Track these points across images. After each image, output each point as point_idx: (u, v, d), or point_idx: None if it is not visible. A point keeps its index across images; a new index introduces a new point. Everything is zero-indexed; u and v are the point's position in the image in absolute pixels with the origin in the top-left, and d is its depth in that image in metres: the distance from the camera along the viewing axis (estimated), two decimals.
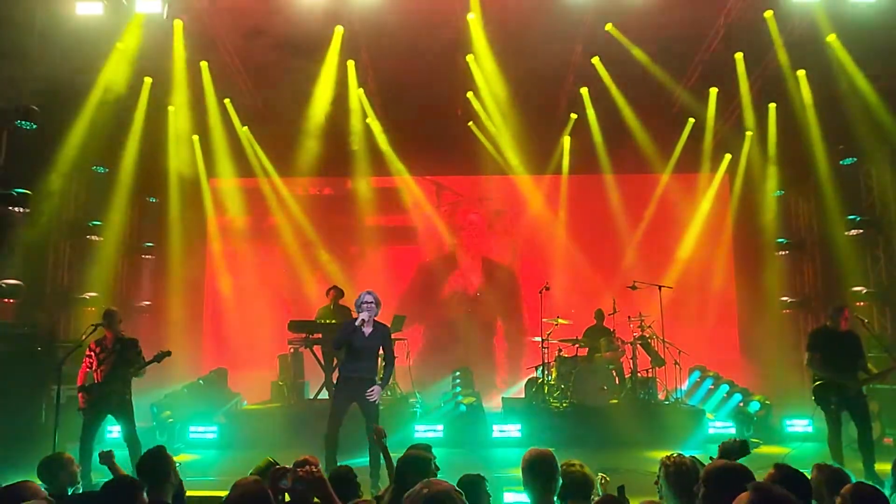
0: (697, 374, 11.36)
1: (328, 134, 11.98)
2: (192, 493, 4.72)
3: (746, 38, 9.89)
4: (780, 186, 12.73)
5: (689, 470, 3.24)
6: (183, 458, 8.21)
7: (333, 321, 9.49)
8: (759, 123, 11.96)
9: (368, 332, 6.44)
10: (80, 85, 9.68)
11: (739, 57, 10.54)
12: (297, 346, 10.15)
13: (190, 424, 9.21)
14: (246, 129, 12.55)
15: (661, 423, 9.31)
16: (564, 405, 9.68)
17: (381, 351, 6.64)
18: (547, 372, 10.20)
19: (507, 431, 9.18)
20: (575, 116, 12.42)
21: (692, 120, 12.37)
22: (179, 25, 9.65)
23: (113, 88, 9.88)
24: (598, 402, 9.52)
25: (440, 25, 9.63)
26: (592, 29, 9.66)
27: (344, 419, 6.45)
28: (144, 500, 3.31)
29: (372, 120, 12.40)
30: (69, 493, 4.15)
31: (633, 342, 10.21)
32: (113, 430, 7.95)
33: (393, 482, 3.69)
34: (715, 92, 11.60)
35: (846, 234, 11.22)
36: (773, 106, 11.74)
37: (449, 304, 13.37)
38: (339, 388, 6.62)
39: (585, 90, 11.69)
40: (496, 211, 14.05)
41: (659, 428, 9.11)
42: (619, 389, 10.01)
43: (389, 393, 10.27)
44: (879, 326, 10.75)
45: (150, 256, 12.87)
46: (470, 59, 10.58)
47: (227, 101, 11.77)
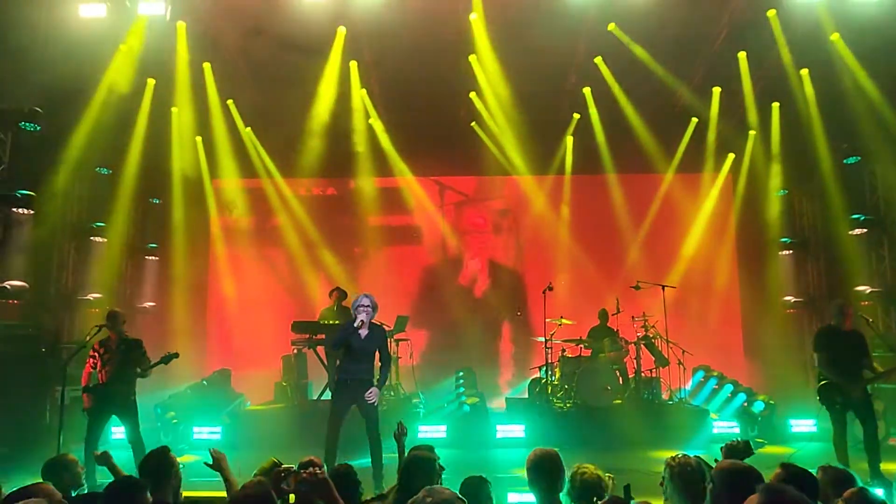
0: (701, 373, 11.34)
1: (331, 135, 11.97)
2: (196, 493, 4.73)
3: (749, 37, 9.87)
4: (783, 185, 12.68)
5: (694, 470, 3.23)
6: (187, 458, 8.20)
7: (337, 322, 9.50)
8: (762, 123, 11.93)
9: (365, 334, 6.46)
10: (83, 87, 9.69)
11: (742, 56, 10.53)
12: (300, 346, 10.17)
13: (194, 425, 9.22)
14: (249, 130, 12.57)
15: (664, 423, 9.31)
16: (568, 405, 9.67)
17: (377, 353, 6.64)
18: (550, 372, 10.20)
19: (510, 432, 9.18)
20: (578, 116, 12.41)
21: (695, 119, 12.34)
22: (182, 27, 9.69)
23: (116, 90, 9.91)
24: (601, 402, 9.51)
25: (442, 26, 9.63)
26: (595, 29, 9.66)
27: (344, 422, 6.46)
28: (148, 499, 3.31)
29: (375, 120, 12.40)
30: (73, 494, 4.16)
31: (636, 342, 10.20)
32: (116, 430, 7.96)
33: (397, 483, 3.69)
34: (718, 91, 11.58)
35: (850, 233, 11.19)
36: (776, 105, 11.71)
37: (452, 304, 13.35)
38: (337, 391, 6.65)
39: (588, 90, 11.68)
40: (499, 211, 14.04)
41: (663, 428, 9.11)
42: (622, 389, 10.00)
43: (393, 393, 10.28)
44: (884, 326, 10.72)
45: (153, 257, 12.88)
46: (472, 59, 10.58)
47: (230, 102, 11.78)
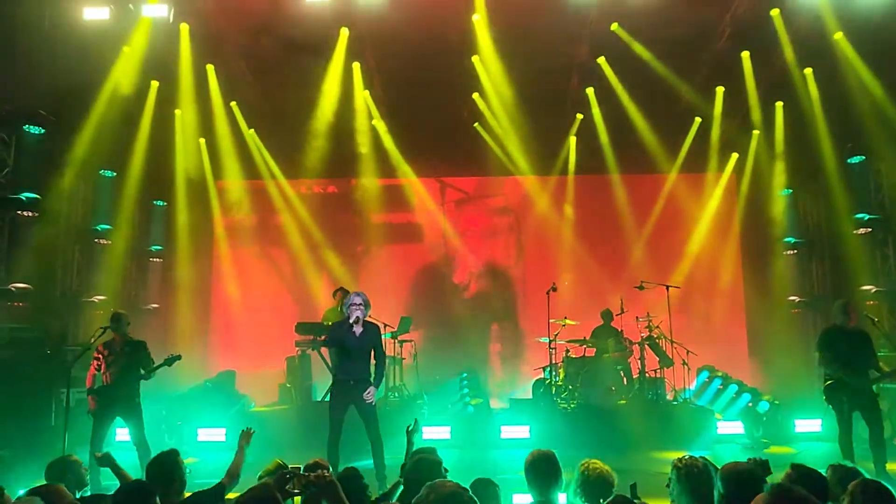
0: (706, 374, 11.31)
1: (334, 136, 11.99)
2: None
3: (753, 36, 9.87)
4: (787, 185, 12.64)
5: (701, 472, 3.21)
6: (191, 460, 8.22)
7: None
8: (766, 122, 11.88)
9: (359, 332, 6.45)
10: (87, 89, 9.71)
11: (746, 55, 10.50)
12: (304, 347, 10.17)
13: (198, 427, 9.23)
14: (252, 131, 12.58)
15: (669, 423, 9.29)
16: (572, 406, 9.66)
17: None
18: (554, 373, 10.18)
19: (515, 432, 9.16)
20: (581, 117, 12.38)
21: (699, 119, 12.30)
22: (185, 29, 9.71)
23: (120, 92, 9.93)
24: (606, 402, 9.50)
25: (445, 27, 9.64)
26: (598, 29, 9.65)
27: (343, 425, 6.45)
28: None
29: (378, 121, 12.41)
30: (77, 496, 4.16)
31: (640, 342, 10.18)
32: (120, 432, 7.96)
33: (403, 486, 3.69)
34: (721, 91, 11.55)
35: (855, 232, 11.15)
36: (780, 104, 11.65)
37: (456, 304, 13.35)
38: (334, 393, 6.62)
39: (591, 90, 11.67)
40: (503, 211, 14.03)
41: (667, 428, 9.08)
42: (627, 390, 9.98)
43: (397, 394, 10.28)
44: (889, 325, 10.66)
45: (157, 259, 12.90)
46: (475, 60, 10.58)
47: (233, 103, 11.80)
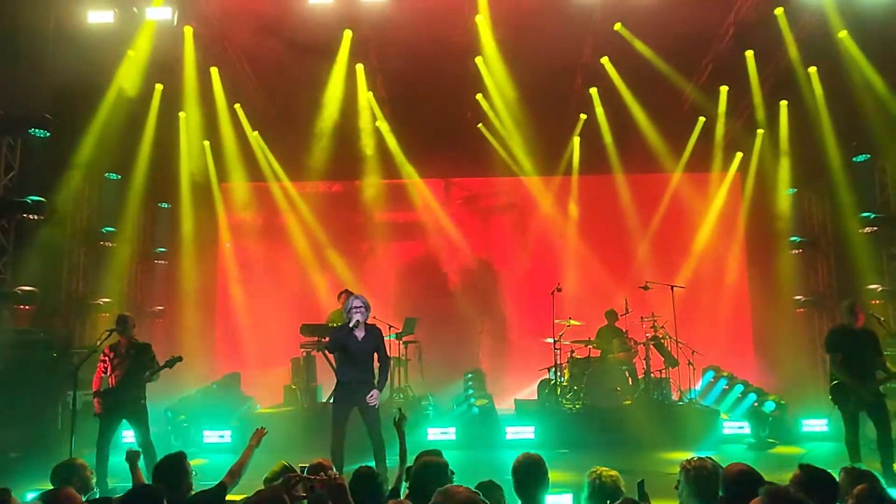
0: (711, 374, 11.28)
1: (338, 137, 12.00)
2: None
3: (757, 35, 9.83)
4: (792, 184, 12.59)
5: (710, 473, 3.21)
6: (197, 461, 8.24)
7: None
8: (770, 121, 11.85)
9: (362, 335, 6.43)
10: (92, 92, 9.74)
11: (750, 55, 10.47)
12: (309, 349, 10.18)
13: (204, 428, 9.26)
14: (256, 133, 12.61)
15: (675, 423, 9.26)
16: (577, 406, 9.64)
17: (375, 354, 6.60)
18: (559, 373, 10.17)
19: (520, 433, 9.16)
20: (584, 117, 12.37)
21: (703, 118, 12.29)
22: (189, 32, 9.74)
23: (125, 95, 9.97)
24: (611, 403, 9.48)
25: (448, 28, 9.64)
26: (601, 29, 9.64)
27: (346, 428, 6.44)
28: None
29: (381, 122, 12.42)
30: (84, 499, 4.16)
31: (645, 342, 10.17)
32: (126, 434, 7.98)
33: (409, 490, 3.68)
34: (725, 90, 11.53)
35: (860, 231, 11.08)
36: (784, 103, 11.63)
37: (460, 305, 13.35)
38: (337, 395, 6.60)
39: (595, 90, 11.66)
40: (507, 212, 14.02)
41: (673, 429, 9.07)
42: (632, 390, 9.96)
43: (402, 395, 10.28)
44: None
45: (162, 262, 12.93)
46: (479, 60, 10.58)
47: (237, 106, 11.83)
